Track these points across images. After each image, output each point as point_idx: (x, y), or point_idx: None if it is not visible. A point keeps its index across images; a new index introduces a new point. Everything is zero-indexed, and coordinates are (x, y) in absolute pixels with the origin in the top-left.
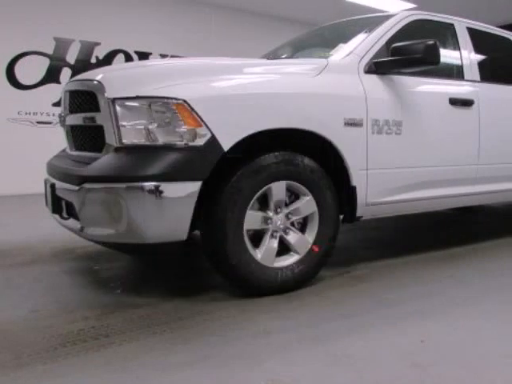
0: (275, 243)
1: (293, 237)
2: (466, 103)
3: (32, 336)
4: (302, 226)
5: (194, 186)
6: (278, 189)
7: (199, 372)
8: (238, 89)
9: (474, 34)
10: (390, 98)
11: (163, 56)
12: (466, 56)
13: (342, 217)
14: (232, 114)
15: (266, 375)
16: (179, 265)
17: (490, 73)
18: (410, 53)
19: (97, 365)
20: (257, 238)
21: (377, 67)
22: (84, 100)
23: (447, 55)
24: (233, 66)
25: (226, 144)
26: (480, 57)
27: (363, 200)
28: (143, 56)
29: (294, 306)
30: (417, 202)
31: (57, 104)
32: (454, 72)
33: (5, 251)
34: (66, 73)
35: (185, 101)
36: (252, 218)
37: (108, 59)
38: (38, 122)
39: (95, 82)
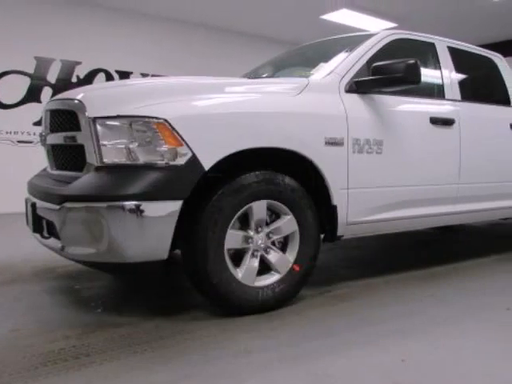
0: (256, 262)
1: (274, 256)
2: (446, 122)
3: (13, 355)
4: (283, 245)
5: (175, 205)
6: (259, 208)
7: None
8: (219, 108)
9: (454, 53)
10: (371, 117)
11: (144, 75)
12: (447, 75)
13: (322, 236)
14: (213, 133)
15: None
16: (160, 284)
17: (471, 92)
18: (391, 72)
19: None
20: (238, 257)
21: (358, 86)
22: (65, 119)
23: (428, 74)
24: (214, 85)
25: (207, 163)
26: (461, 76)
27: (344, 219)
28: (124, 75)
29: (275, 325)
30: (397, 221)
31: (38, 123)
32: (435, 91)
33: None
34: (46, 92)
35: (165, 120)
36: (233, 238)
37: (89, 78)
38: (18, 142)
39: (76, 102)
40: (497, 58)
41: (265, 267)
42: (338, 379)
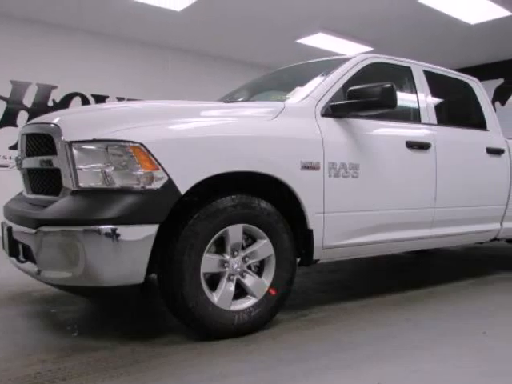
0: (232, 286)
1: (250, 280)
2: (422, 146)
3: None
4: (259, 269)
5: (151, 229)
6: (235, 232)
7: None
8: (195, 132)
9: (430, 77)
10: (347, 141)
11: (120, 99)
12: (423, 99)
13: (298, 260)
14: (189, 157)
15: None
16: (136, 308)
17: (447, 116)
18: (367, 96)
19: None
20: (214, 281)
21: (334, 110)
22: (41, 143)
23: (404, 98)
24: (190, 109)
25: (183, 187)
26: (437, 100)
27: (320, 243)
28: (100, 99)
29: (251, 350)
30: (374, 245)
31: (14, 147)
32: (411, 115)
33: None
34: (22, 116)
35: (141, 144)
36: (209, 262)
37: (65, 102)
38: None
39: (52, 125)
40: (473, 82)
41: (241, 291)
42: None
